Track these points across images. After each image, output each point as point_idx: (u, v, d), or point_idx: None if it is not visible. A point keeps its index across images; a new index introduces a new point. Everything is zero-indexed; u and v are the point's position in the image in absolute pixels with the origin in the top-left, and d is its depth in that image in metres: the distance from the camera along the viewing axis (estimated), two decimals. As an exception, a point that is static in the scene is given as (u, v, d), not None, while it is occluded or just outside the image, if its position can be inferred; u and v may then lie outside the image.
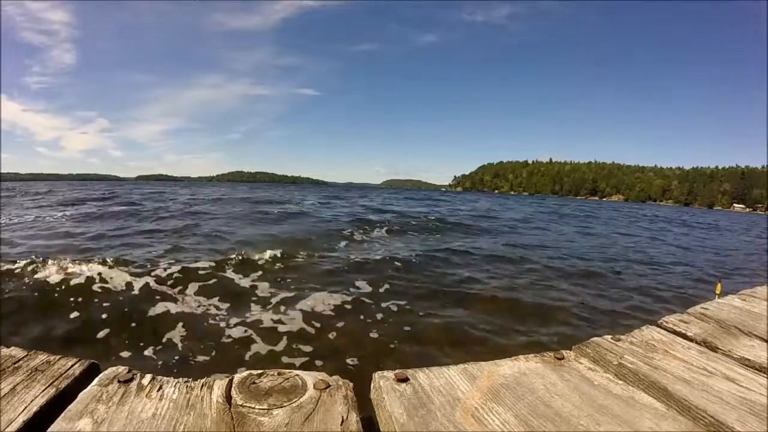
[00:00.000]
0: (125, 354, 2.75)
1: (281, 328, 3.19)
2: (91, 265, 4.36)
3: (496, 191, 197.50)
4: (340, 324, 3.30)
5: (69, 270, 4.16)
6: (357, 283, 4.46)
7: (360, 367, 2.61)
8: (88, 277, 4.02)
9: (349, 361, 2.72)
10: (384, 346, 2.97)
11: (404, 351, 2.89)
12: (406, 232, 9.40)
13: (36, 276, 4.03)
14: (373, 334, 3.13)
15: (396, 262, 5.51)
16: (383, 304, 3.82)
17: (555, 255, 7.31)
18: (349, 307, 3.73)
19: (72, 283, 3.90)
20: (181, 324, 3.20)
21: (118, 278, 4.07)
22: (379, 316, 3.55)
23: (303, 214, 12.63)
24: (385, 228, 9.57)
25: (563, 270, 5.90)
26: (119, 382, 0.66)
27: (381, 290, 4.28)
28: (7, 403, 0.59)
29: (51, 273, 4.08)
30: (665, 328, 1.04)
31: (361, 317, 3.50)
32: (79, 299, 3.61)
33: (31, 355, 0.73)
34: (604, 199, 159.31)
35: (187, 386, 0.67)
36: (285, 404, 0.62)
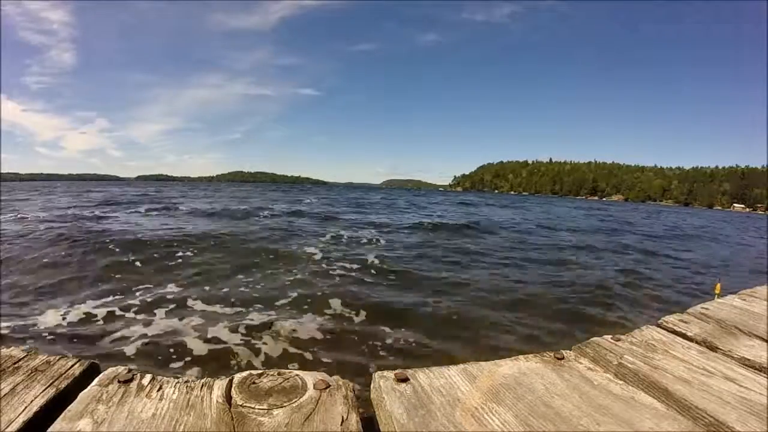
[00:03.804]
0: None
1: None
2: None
3: (496, 191, 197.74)
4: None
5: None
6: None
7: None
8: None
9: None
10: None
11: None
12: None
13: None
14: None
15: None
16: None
17: None
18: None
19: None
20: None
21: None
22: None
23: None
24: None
25: None
26: (119, 382, 0.66)
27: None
28: (7, 404, 0.59)
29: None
30: (665, 328, 1.04)
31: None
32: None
33: (31, 355, 0.73)
34: (604, 198, 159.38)
35: (187, 386, 0.67)
36: (285, 404, 0.62)
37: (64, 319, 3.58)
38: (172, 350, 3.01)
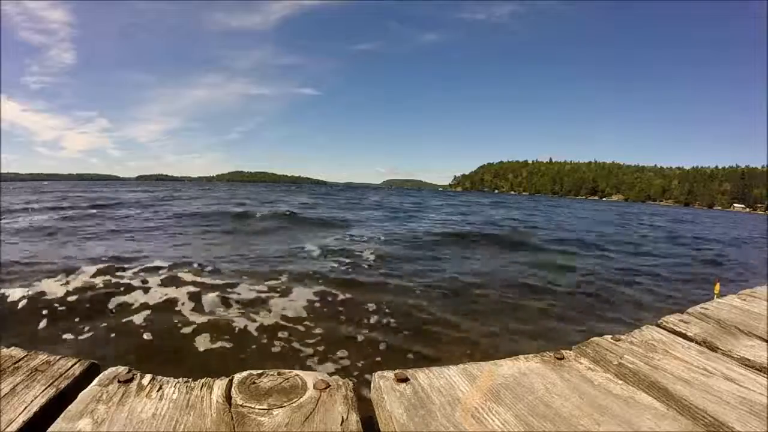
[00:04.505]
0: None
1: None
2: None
3: (496, 191, 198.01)
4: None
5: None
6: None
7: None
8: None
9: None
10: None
11: None
12: None
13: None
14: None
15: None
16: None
17: None
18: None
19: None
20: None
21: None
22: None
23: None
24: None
25: None
26: (119, 382, 0.66)
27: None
28: (7, 403, 0.59)
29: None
30: (665, 328, 1.04)
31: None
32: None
33: (31, 355, 0.73)
34: (604, 199, 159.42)
35: (187, 386, 0.67)
36: (285, 404, 0.62)
37: None
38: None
